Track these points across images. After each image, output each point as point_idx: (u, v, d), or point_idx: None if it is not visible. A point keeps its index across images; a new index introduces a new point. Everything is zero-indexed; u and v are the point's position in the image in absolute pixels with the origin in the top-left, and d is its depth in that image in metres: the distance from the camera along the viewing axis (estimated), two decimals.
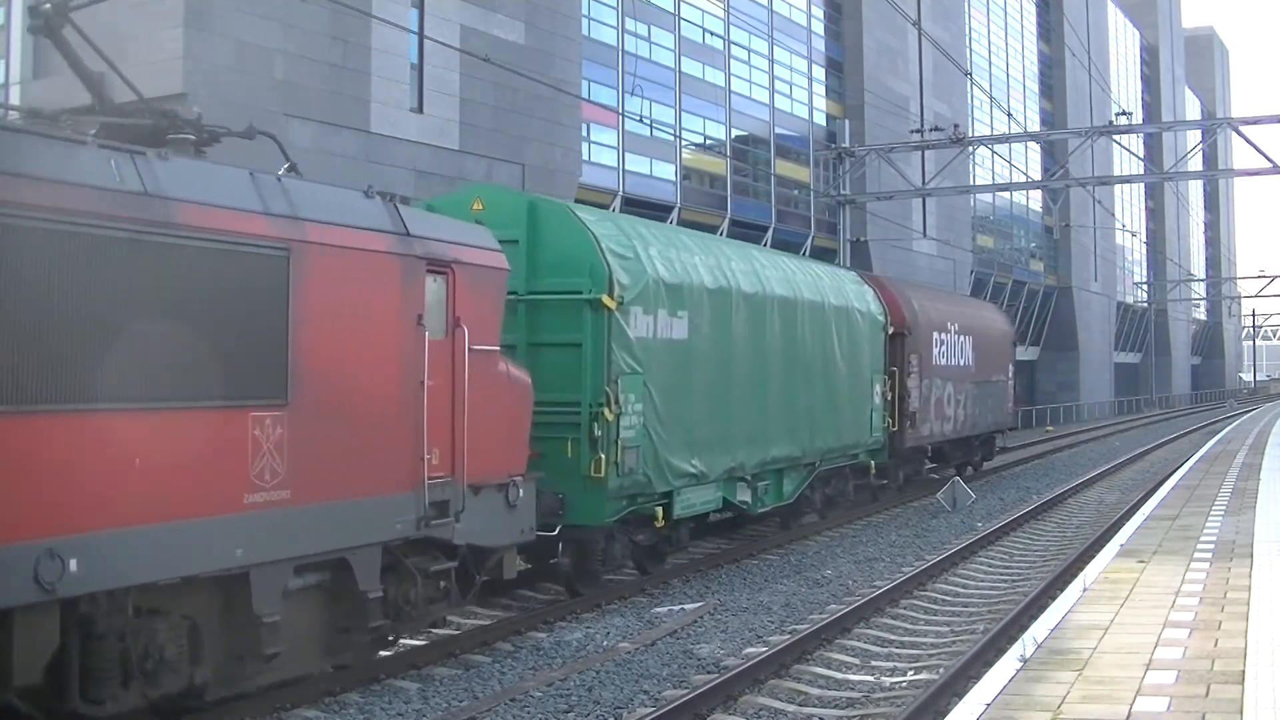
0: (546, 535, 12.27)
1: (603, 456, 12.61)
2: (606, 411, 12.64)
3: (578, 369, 12.83)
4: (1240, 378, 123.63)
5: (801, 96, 43.17)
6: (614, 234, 13.58)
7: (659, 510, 13.93)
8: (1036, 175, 58.59)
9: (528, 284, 12.95)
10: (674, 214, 34.17)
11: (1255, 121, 31.71)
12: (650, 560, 14.82)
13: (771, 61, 40.94)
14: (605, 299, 12.77)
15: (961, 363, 25.79)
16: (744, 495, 16.34)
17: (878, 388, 20.78)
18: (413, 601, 9.94)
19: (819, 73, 44.47)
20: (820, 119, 44.22)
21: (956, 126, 34.58)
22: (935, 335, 24.21)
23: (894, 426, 21.63)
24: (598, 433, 12.64)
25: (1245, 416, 55.74)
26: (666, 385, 13.85)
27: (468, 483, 10.13)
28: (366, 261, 9.25)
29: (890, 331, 21.52)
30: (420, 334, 9.58)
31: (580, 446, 12.73)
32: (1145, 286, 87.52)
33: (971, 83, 49.88)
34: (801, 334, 17.68)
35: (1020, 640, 8.03)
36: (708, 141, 38.19)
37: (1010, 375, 30.28)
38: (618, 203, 32.08)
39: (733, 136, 38.89)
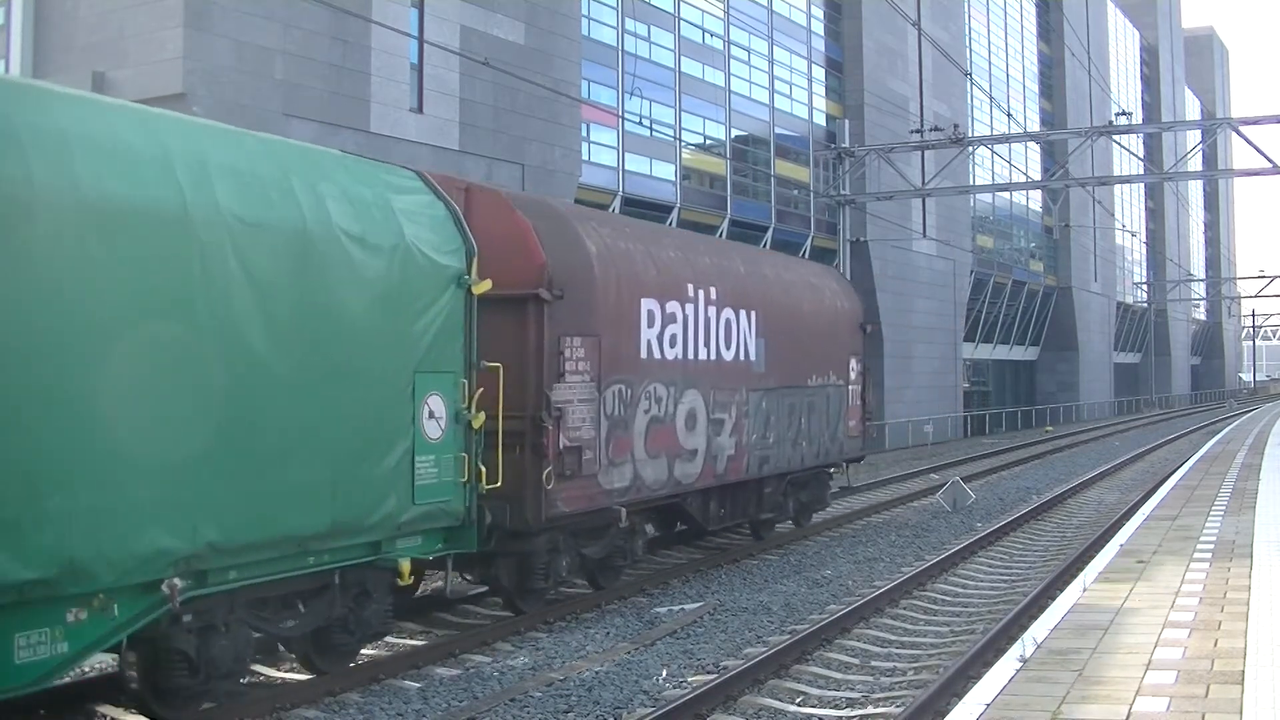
0: None
1: None
2: None
3: None
4: (1240, 378, 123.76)
5: (801, 96, 43.17)
6: None
7: None
8: (1036, 175, 58.62)
9: None
10: (674, 214, 34.20)
11: (1255, 121, 31.70)
12: None
13: (771, 61, 40.94)
14: None
15: (730, 356, 15.44)
16: None
17: (434, 403, 9.94)
18: None
19: (819, 73, 44.47)
20: (820, 119, 44.22)
21: (956, 126, 34.58)
22: (649, 307, 13.61)
23: (496, 482, 10.69)
24: None
25: (1245, 417, 55.77)
26: None
27: None
28: None
29: (476, 289, 10.44)
30: None
31: None
32: (1145, 286, 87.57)
33: (971, 83, 49.89)
34: (71, 280, 7.22)
35: (1020, 640, 8.03)
36: (707, 142, 38.20)
37: (855, 378, 19.67)
38: (617, 203, 32.10)
39: (732, 136, 38.89)
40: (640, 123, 32.24)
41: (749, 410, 15.97)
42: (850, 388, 19.51)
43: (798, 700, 9.70)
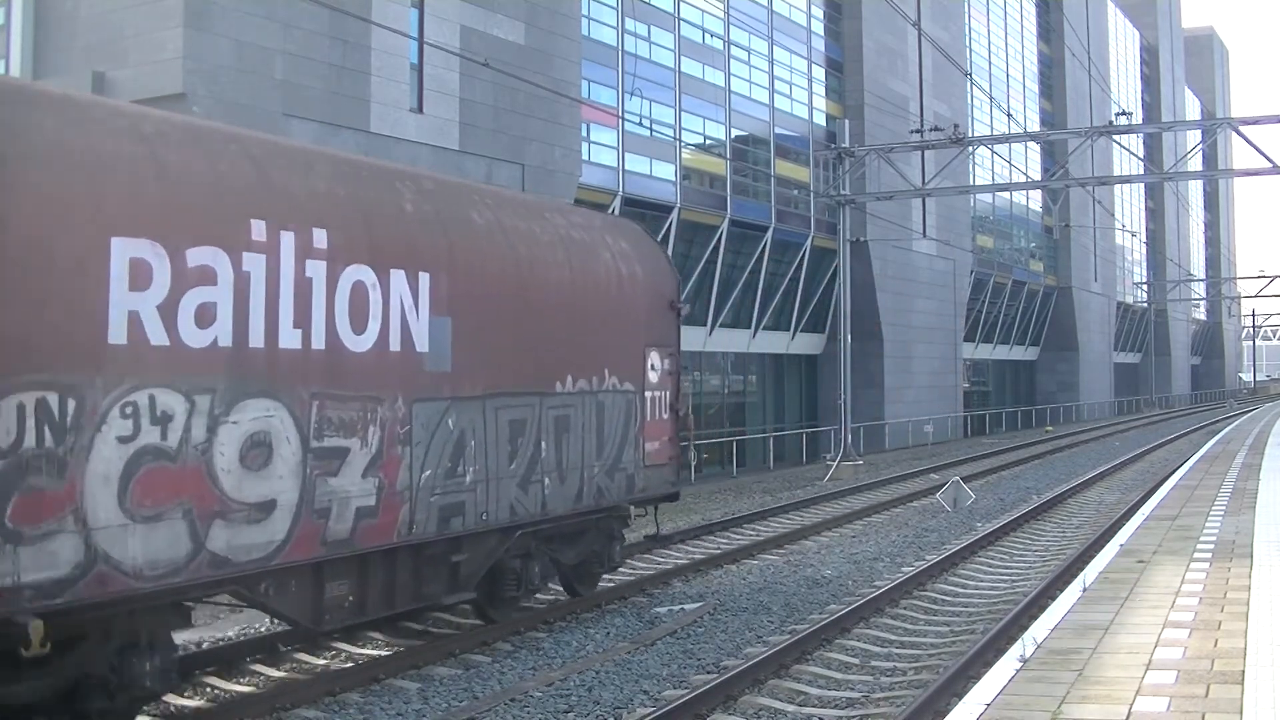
0: None
1: None
2: None
3: None
4: (1240, 378, 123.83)
5: (801, 96, 43.17)
6: None
7: None
8: (1036, 175, 58.65)
9: None
10: (674, 214, 34.19)
11: (1255, 121, 31.68)
12: None
13: (771, 61, 40.94)
14: None
15: (366, 345, 9.47)
16: None
17: None
18: None
19: (819, 73, 44.48)
20: (820, 119, 44.22)
21: (956, 126, 34.56)
22: (132, 253, 7.62)
23: None
24: None
25: (1245, 416, 55.79)
26: None
27: None
28: None
29: None
30: None
31: None
32: (1145, 286, 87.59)
33: (971, 83, 49.91)
34: None
35: (1020, 640, 8.02)
36: (707, 141, 38.20)
37: (661, 379, 13.74)
38: (617, 203, 32.09)
39: (732, 136, 38.88)
40: (640, 123, 32.23)
41: (414, 434, 9.97)
42: (650, 395, 13.48)
43: (798, 700, 9.70)
